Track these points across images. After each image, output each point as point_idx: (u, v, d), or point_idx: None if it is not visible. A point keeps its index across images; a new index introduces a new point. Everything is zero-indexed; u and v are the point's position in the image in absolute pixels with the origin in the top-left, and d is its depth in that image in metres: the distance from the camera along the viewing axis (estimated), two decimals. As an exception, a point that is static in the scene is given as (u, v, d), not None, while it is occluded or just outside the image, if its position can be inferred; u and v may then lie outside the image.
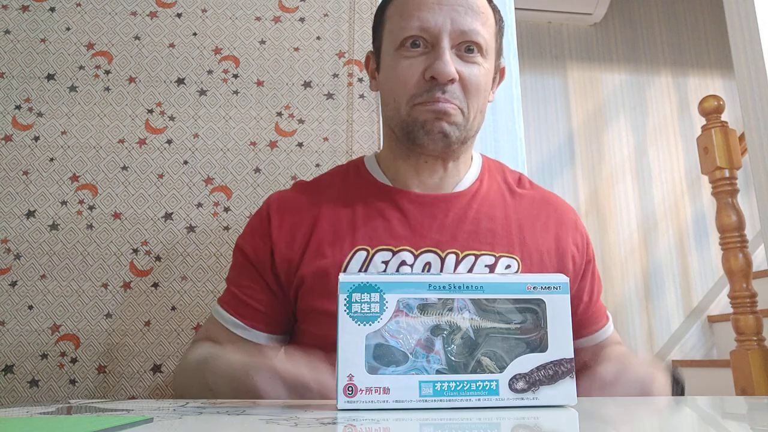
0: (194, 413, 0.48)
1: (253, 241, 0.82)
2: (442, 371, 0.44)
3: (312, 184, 0.88)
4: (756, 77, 1.82)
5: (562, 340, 0.44)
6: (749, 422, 0.46)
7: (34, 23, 1.17)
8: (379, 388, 0.43)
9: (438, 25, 0.75)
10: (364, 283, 0.43)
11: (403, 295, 0.43)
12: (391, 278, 0.43)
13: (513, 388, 0.44)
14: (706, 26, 3.17)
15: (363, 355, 0.43)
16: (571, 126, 2.96)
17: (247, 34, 1.20)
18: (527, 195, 0.86)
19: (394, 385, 0.43)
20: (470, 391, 0.44)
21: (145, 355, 1.04)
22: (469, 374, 0.44)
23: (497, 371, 0.44)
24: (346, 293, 0.43)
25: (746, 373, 1.88)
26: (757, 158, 1.81)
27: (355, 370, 0.43)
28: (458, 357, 0.44)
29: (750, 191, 2.70)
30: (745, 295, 1.95)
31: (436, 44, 0.75)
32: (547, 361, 0.44)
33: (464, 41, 0.76)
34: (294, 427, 0.39)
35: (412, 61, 0.76)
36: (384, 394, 0.43)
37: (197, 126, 1.15)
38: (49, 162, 1.11)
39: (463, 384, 0.44)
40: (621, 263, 2.81)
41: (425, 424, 0.44)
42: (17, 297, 1.05)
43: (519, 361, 0.44)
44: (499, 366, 0.44)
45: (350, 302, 0.43)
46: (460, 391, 0.44)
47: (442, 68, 0.73)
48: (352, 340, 0.43)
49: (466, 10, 0.76)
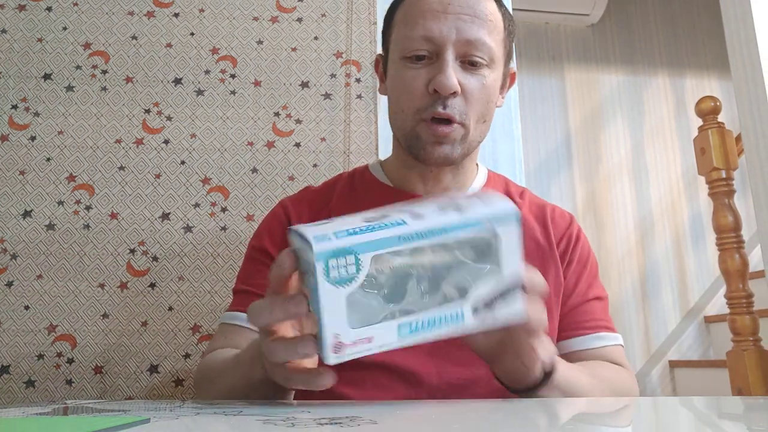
0: (191, 413, 0.48)
1: (272, 237, 0.82)
2: (415, 311, 0.47)
3: (321, 188, 0.89)
4: (753, 78, 1.82)
5: (513, 264, 0.48)
6: (745, 422, 0.46)
7: (31, 23, 1.17)
8: (363, 339, 0.46)
9: (443, 35, 0.74)
10: (339, 248, 0.44)
11: (376, 251, 0.45)
12: (363, 238, 0.45)
13: (476, 313, 0.48)
14: (702, 27, 3.18)
15: (345, 314, 0.45)
16: (569, 127, 2.97)
17: (245, 34, 1.20)
18: (527, 203, 0.87)
19: (376, 333, 0.46)
20: (441, 323, 0.47)
21: (141, 356, 1.04)
22: (439, 307, 0.47)
23: (461, 300, 0.48)
24: (322, 261, 0.44)
25: (742, 373, 1.88)
26: (753, 159, 1.81)
27: (340, 329, 0.45)
28: (427, 295, 0.47)
29: (746, 192, 2.70)
30: (741, 296, 1.95)
31: (440, 55, 0.74)
32: (501, 283, 0.48)
33: (469, 53, 0.75)
34: (291, 427, 0.39)
35: (416, 72, 0.75)
36: (368, 343, 0.46)
37: (194, 126, 1.15)
38: (46, 162, 1.11)
39: (434, 319, 0.47)
40: (618, 264, 2.82)
41: (425, 425, 0.44)
42: (13, 297, 1.04)
43: (478, 287, 0.48)
44: (462, 296, 0.48)
45: (327, 269, 0.44)
46: (433, 325, 0.47)
47: (444, 82, 0.73)
48: (333, 302, 0.45)
49: (473, 18, 0.75)
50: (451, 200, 0.50)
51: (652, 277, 2.84)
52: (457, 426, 0.40)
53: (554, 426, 0.45)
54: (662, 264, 2.86)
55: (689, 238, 2.92)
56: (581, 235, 0.86)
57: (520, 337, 0.54)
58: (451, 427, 0.40)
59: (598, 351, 0.79)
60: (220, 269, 1.08)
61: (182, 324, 1.06)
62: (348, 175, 0.90)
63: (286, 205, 0.86)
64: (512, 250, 0.48)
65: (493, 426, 0.44)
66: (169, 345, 1.05)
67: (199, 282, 1.08)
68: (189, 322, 1.06)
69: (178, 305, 1.07)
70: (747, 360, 1.88)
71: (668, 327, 2.78)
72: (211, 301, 1.07)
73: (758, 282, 2.23)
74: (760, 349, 1.90)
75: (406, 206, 0.49)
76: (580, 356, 0.78)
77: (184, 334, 1.05)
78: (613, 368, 0.77)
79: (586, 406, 0.56)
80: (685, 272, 2.87)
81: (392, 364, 0.72)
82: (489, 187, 0.87)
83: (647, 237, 2.89)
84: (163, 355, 1.04)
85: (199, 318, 1.06)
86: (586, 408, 0.55)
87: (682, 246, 2.90)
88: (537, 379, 0.58)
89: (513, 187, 0.90)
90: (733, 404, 0.60)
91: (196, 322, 1.06)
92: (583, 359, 0.77)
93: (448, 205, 0.48)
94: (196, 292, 1.07)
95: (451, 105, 0.74)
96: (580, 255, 0.84)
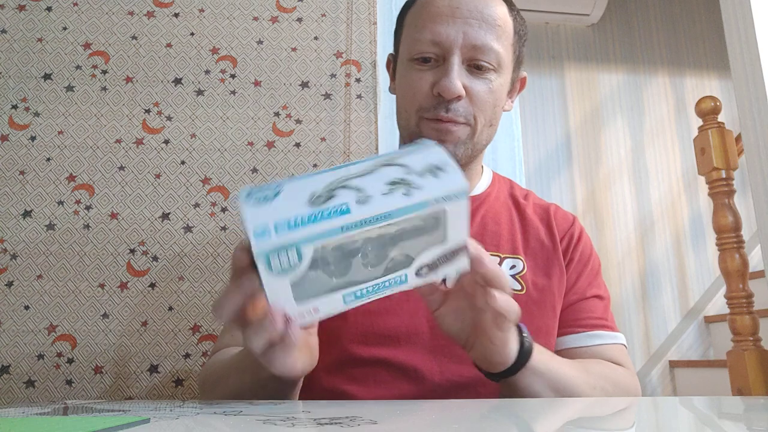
0: (191, 414, 0.48)
1: None
2: (361, 281, 0.48)
3: None
4: (753, 78, 1.82)
5: (459, 232, 0.49)
6: (746, 422, 0.46)
7: (31, 23, 1.17)
8: (309, 309, 0.48)
9: (450, 39, 0.74)
10: (279, 245, 0.44)
11: (317, 242, 0.45)
12: (304, 232, 0.44)
13: (418, 274, 0.50)
14: (703, 27, 3.18)
15: (291, 294, 0.47)
16: (569, 126, 2.97)
17: (245, 34, 1.20)
18: (531, 205, 0.87)
19: (321, 304, 0.48)
20: (385, 288, 0.49)
21: (142, 356, 1.04)
22: (383, 276, 0.49)
23: (405, 268, 0.49)
24: (263, 258, 0.44)
25: (743, 373, 1.88)
26: (753, 159, 1.81)
27: (287, 307, 0.47)
28: (373, 265, 0.48)
29: (746, 192, 2.71)
30: (741, 296, 1.95)
31: (446, 58, 0.75)
32: (446, 249, 0.49)
33: (475, 57, 0.75)
34: (291, 427, 0.39)
35: (422, 74, 0.76)
36: (315, 313, 0.49)
37: (194, 126, 1.14)
38: (46, 162, 1.10)
39: (378, 285, 0.49)
40: (618, 264, 2.81)
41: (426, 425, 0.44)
42: (13, 297, 1.04)
43: (424, 255, 0.49)
44: (407, 263, 0.49)
45: (269, 262, 0.44)
46: (377, 290, 0.49)
47: (448, 86, 0.73)
48: (277, 288, 0.46)
49: (480, 23, 0.75)
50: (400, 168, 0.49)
51: (652, 277, 2.83)
52: (457, 426, 0.40)
53: (554, 426, 0.45)
54: (662, 264, 2.86)
55: (689, 238, 2.92)
56: (583, 234, 0.87)
57: (486, 316, 0.54)
58: (451, 427, 0.40)
59: (595, 349, 0.78)
60: (220, 269, 1.08)
61: (182, 324, 1.06)
62: None
63: None
64: (459, 223, 0.48)
65: (493, 426, 0.44)
66: (169, 345, 1.05)
67: (199, 282, 1.08)
68: (189, 322, 1.06)
69: (178, 305, 1.07)
70: (747, 360, 1.88)
71: (668, 327, 2.78)
72: (211, 301, 1.07)
73: (758, 282, 2.23)
74: (760, 349, 1.90)
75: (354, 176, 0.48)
76: (576, 353, 0.77)
77: (184, 334, 1.05)
78: (611, 366, 0.76)
79: (586, 407, 0.56)
80: (685, 272, 2.87)
81: (394, 361, 0.72)
82: (493, 189, 0.87)
83: (647, 237, 2.88)
84: (163, 355, 1.04)
85: (199, 318, 1.06)
86: (586, 408, 0.55)
87: (682, 246, 2.90)
88: (510, 360, 0.58)
89: (518, 190, 0.90)
90: (733, 404, 0.60)
91: (196, 322, 1.06)
92: (580, 356, 0.77)
93: (396, 180, 0.47)
94: (196, 292, 1.07)
95: (454, 109, 0.74)
96: (582, 253, 0.84)
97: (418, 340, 0.73)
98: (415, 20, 0.79)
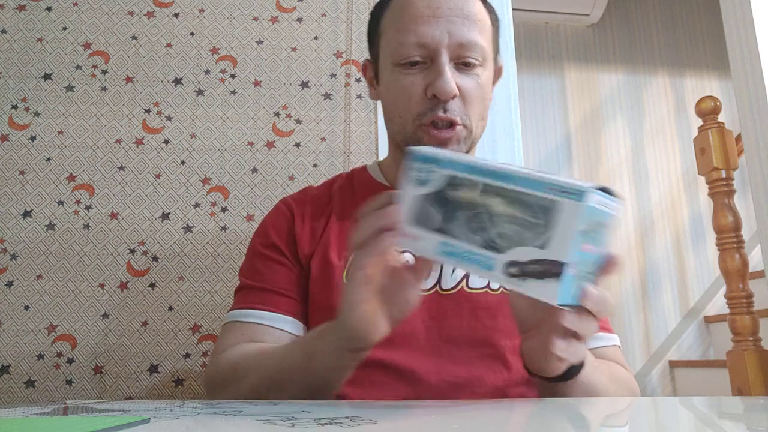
0: (191, 414, 0.48)
1: (278, 233, 0.82)
2: (460, 239, 0.51)
3: (321, 188, 0.89)
4: (752, 78, 1.82)
5: (562, 244, 0.45)
6: (745, 422, 0.46)
7: (31, 23, 1.17)
8: (413, 235, 0.53)
9: (435, 39, 0.74)
10: (426, 155, 0.53)
11: (452, 172, 0.51)
12: (448, 156, 0.53)
13: (505, 271, 0.48)
14: (702, 27, 3.18)
15: (411, 210, 0.53)
16: (569, 126, 2.97)
17: (245, 34, 1.20)
18: None
19: (423, 236, 0.52)
20: (473, 261, 0.50)
21: (141, 356, 1.04)
22: (479, 248, 0.50)
23: (499, 252, 0.48)
24: (410, 161, 0.54)
25: (743, 373, 1.88)
26: (753, 159, 1.81)
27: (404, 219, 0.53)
28: (474, 231, 0.50)
29: (746, 192, 2.70)
30: (741, 296, 1.95)
31: (435, 59, 0.74)
32: (543, 258, 0.46)
33: (462, 55, 0.75)
34: (291, 427, 0.39)
35: (413, 78, 0.75)
36: (413, 241, 0.53)
37: (194, 126, 1.15)
38: (46, 162, 1.10)
39: (470, 254, 0.50)
40: (618, 264, 2.81)
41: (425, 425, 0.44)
42: (13, 297, 1.04)
43: (519, 249, 0.47)
44: (502, 247, 0.48)
45: (411, 168, 0.53)
46: (466, 259, 0.50)
47: (444, 86, 0.73)
48: (405, 196, 0.53)
49: (463, 20, 0.75)
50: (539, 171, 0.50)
51: (652, 276, 2.83)
52: (457, 426, 0.40)
53: (554, 426, 0.45)
54: (662, 264, 2.86)
55: (689, 238, 2.92)
56: None
57: (558, 330, 0.52)
58: (451, 427, 0.40)
59: (595, 351, 0.78)
60: (220, 269, 1.08)
61: (182, 324, 1.06)
62: (347, 175, 0.90)
63: (290, 203, 0.86)
64: (567, 227, 0.45)
65: (493, 426, 0.44)
66: (169, 345, 1.05)
67: (199, 282, 1.08)
68: (189, 322, 1.06)
69: (178, 305, 1.07)
70: (747, 360, 1.88)
71: (668, 327, 2.78)
72: (211, 301, 1.07)
73: (758, 282, 2.23)
74: (760, 349, 1.90)
75: None
76: None
77: (184, 334, 1.05)
78: (621, 369, 0.77)
79: (585, 406, 0.56)
80: (685, 272, 2.87)
81: (392, 363, 0.72)
82: None
83: (647, 237, 2.88)
84: (163, 355, 1.04)
85: (199, 318, 1.06)
86: (585, 408, 0.55)
87: (682, 246, 2.90)
88: (560, 371, 0.56)
89: None
90: (733, 404, 0.60)
91: (196, 322, 1.06)
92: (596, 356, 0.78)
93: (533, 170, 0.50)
94: (196, 292, 1.07)
95: (450, 108, 0.75)
96: None
97: (414, 342, 0.73)
98: (395, 23, 0.77)
